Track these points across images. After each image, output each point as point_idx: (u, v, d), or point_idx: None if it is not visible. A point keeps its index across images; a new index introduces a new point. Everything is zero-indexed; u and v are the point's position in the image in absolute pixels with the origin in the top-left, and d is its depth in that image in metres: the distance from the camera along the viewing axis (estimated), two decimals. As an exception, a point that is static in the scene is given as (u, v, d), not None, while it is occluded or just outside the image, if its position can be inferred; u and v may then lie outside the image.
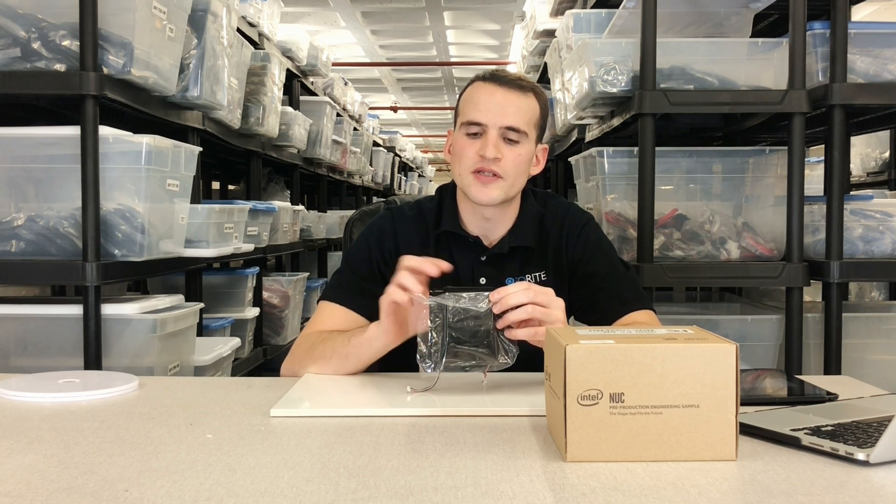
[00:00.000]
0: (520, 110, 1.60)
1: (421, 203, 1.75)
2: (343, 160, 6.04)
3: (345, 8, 8.40)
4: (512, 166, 1.59)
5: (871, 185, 4.48)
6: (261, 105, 3.62)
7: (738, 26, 2.74)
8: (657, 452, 1.01)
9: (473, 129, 1.60)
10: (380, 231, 1.70)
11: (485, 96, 1.61)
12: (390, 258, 1.65)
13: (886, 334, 2.59)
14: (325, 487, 0.93)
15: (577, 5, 3.79)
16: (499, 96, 1.60)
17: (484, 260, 1.68)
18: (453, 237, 1.69)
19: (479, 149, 1.58)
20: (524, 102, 1.61)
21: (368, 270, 1.67)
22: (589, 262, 1.68)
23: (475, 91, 1.63)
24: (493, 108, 1.59)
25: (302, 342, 1.60)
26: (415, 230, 1.70)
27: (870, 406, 1.26)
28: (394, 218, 1.72)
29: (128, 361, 2.19)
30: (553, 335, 1.09)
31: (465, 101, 1.65)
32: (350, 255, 1.72)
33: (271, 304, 4.13)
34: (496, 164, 1.58)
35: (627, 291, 1.68)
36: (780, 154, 2.48)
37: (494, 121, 1.58)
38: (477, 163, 1.59)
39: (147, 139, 2.21)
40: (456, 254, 1.68)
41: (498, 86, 1.61)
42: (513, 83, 1.62)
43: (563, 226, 1.70)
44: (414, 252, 1.65)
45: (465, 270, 1.67)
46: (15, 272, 2.17)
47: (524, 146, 1.61)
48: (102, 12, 2.14)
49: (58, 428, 1.19)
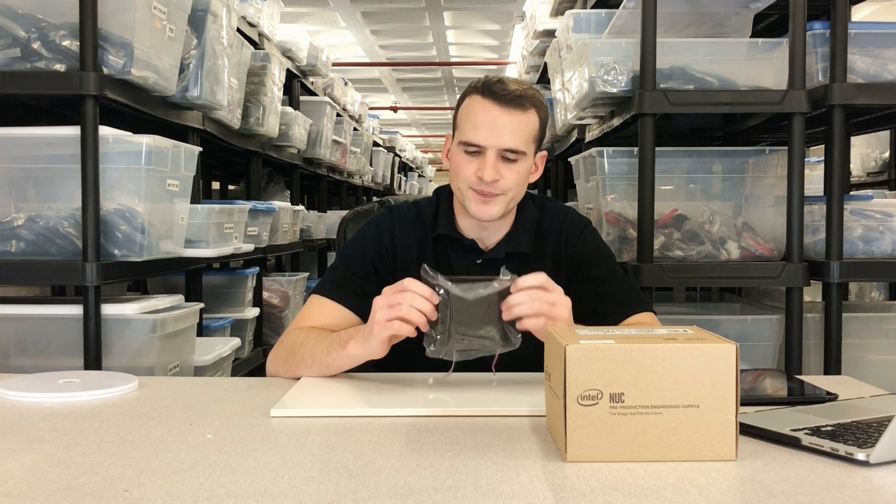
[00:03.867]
0: (518, 131, 1.57)
1: (419, 204, 1.75)
2: (343, 160, 6.04)
3: (345, 8, 8.40)
4: (512, 184, 1.59)
5: (871, 185, 4.48)
6: (261, 105, 3.62)
7: (738, 26, 2.74)
8: (657, 452, 1.01)
9: (471, 148, 1.58)
10: (377, 229, 1.69)
11: (482, 116, 1.57)
12: (386, 256, 1.66)
13: (886, 334, 2.59)
14: (325, 487, 0.93)
15: (577, 5, 3.79)
16: (497, 117, 1.56)
17: (480, 263, 1.68)
18: (450, 240, 1.68)
19: (476, 169, 1.57)
20: (523, 120, 1.58)
21: (362, 268, 1.66)
22: (588, 266, 1.68)
23: (473, 108, 1.59)
24: (491, 130, 1.56)
25: (287, 338, 1.59)
26: (412, 231, 1.69)
27: (870, 406, 1.26)
28: (392, 217, 1.71)
29: (128, 361, 2.19)
30: (553, 335, 1.09)
31: (463, 117, 1.62)
32: (345, 251, 1.71)
33: (271, 304, 4.13)
34: (495, 186, 1.57)
35: (627, 295, 1.67)
36: (780, 154, 2.48)
37: (493, 143, 1.56)
38: (475, 184, 1.58)
39: (147, 139, 2.21)
40: (452, 256, 1.68)
41: (496, 104, 1.57)
42: (512, 101, 1.57)
43: (562, 230, 1.70)
44: (410, 252, 1.67)
45: (460, 273, 1.67)
46: (15, 272, 2.17)
47: (523, 163, 1.60)
48: (102, 12, 2.14)
49: (58, 428, 1.19)
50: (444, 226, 1.68)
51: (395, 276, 1.63)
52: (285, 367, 1.54)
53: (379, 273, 1.65)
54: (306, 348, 1.52)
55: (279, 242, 4.12)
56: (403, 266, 1.66)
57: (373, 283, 1.63)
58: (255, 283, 3.78)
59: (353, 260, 1.67)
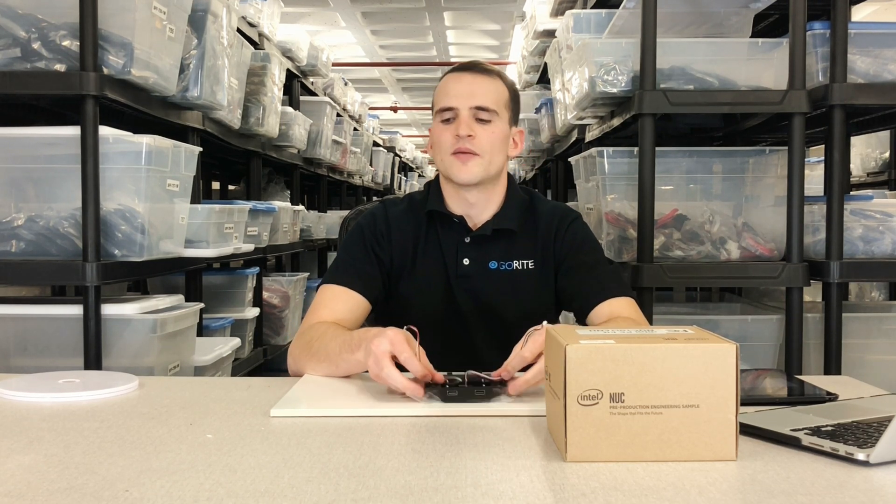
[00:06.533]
0: (488, 91, 1.71)
1: (411, 195, 1.87)
2: (343, 160, 6.04)
3: (345, 8, 8.40)
4: (487, 143, 1.69)
5: (871, 185, 4.48)
6: (261, 105, 3.62)
7: (738, 26, 2.74)
8: (657, 452, 1.01)
9: (447, 114, 1.71)
10: (372, 217, 1.80)
11: (453, 83, 1.73)
12: (382, 240, 1.76)
13: (886, 334, 2.59)
14: (325, 487, 0.92)
15: (577, 5, 3.79)
16: (466, 80, 1.72)
17: (468, 242, 1.76)
18: (440, 217, 1.77)
19: (453, 131, 1.69)
20: (491, 84, 1.72)
21: (363, 253, 1.75)
22: (576, 254, 1.76)
23: (444, 83, 1.75)
24: (461, 91, 1.70)
25: (305, 333, 1.60)
26: (405, 215, 1.80)
27: (870, 406, 1.26)
28: (385, 206, 1.82)
29: (128, 361, 2.19)
30: (553, 335, 1.09)
31: (437, 95, 1.76)
32: (346, 241, 1.81)
33: (271, 304, 4.13)
34: (471, 142, 1.68)
35: (610, 280, 1.73)
36: (780, 154, 2.48)
37: (464, 102, 1.69)
38: (453, 144, 1.69)
39: (147, 139, 2.21)
40: (442, 234, 1.77)
41: (464, 72, 1.74)
42: (478, 68, 1.74)
43: (552, 222, 1.78)
44: (405, 236, 1.77)
45: (449, 251, 1.76)
46: (15, 272, 2.17)
47: (497, 125, 1.71)
48: (102, 12, 2.14)
49: (58, 428, 1.18)
50: (433, 203, 1.77)
51: (392, 259, 1.77)
52: (305, 362, 1.54)
53: (379, 257, 1.75)
54: (321, 343, 1.53)
55: (279, 242, 4.12)
56: (400, 249, 1.76)
57: (375, 267, 1.74)
58: (255, 283, 3.78)
59: (354, 247, 1.76)
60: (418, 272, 1.76)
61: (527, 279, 1.76)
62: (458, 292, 1.76)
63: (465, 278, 1.75)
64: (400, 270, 1.77)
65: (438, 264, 1.76)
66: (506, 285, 1.75)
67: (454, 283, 1.75)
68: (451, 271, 1.75)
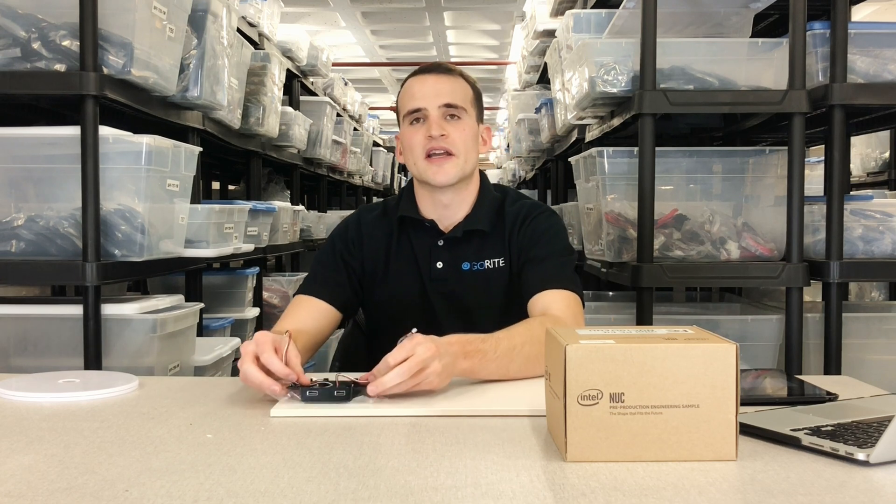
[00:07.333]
0: (454, 89, 1.73)
1: (386, 201, 1.89)
2: (343, 160, 6.04)
3: (345, 8, 8.40)
4: (460, 141, 1.70)
5: (871, 185, 4.48)
6: (261, 105, 3.62)
7: (738, 26, 2.73)
8: (657, 452, 1.01)
9: (415, 115, 1.71)
10: (345, 226, 1.85)
11: (418, 85, 1.74)
12: (353, 247, 1.81)
13: (886, 334, 2.59)
14: (325, 487, 0.92)
15: (577, 5, 3.79)
16: (430, 81, 1.73)
17: (441, 245, 1.77)
18: (412, 223, 1.79)
19: (424, 132, 1.70)
20: (456, 83, 1.74)
21: (332, 262, 1.79)
22: (529, 249, 1.75)
23: (408, 86, 1.76)
24: (428, 92, 1.71)
25: None
26: (377, 222, 1.82)
27: (870, 406, 1.26)
28: (359, 214, 1.86)
29: (128, 361, 2.19)
30: (553, 335, 1.09)
31: (401, 99, 1.77)
32: (318, 252, 1.87)
33: (271, 304, 4.13)
34: (445, 141, 1.69)
35: (553, 273, 1.69)
36: (780, 154, 2.48)
37: (433, 102, 1.70)
38: (426, 145, 1.69)
39: (147, 139, 2.21)
40: (414, 239, 1.79)
41: (427, 74, 1.75)
42: (440, 68, 1.76)
43: (518, 218, 1.79)
44: (376, 242, 1.80)
45: (422, 255, 1.78)
46: (15, 272, 2.17)
47: (466, 122, 1.72)
48: (102, 12, 2.14)
49: (58, 428, 1.19)
50: (405, 208, 1.79)
51: (363, 266, 1.80)
52: None
53: (348, 264, 1.79)
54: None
55: (279, 242, 4.12)
56: (371, 256, 1.80)
57: (343, 274, 1.78)
58: (255, 283, 3.78)
59: (325, 256, 1.82)
60: (391, 277, 1.79)
61: (498, 277, 1.77)
62: (432, 295, 1.78)
63: (439, 281, 1.77)
64: (373, 276, 1.80)
65: (412, 269, 1.78)
66: (479, 285, 1.77)
67: (429, 286, 1.77)
68: (425, 275, 1.77)
